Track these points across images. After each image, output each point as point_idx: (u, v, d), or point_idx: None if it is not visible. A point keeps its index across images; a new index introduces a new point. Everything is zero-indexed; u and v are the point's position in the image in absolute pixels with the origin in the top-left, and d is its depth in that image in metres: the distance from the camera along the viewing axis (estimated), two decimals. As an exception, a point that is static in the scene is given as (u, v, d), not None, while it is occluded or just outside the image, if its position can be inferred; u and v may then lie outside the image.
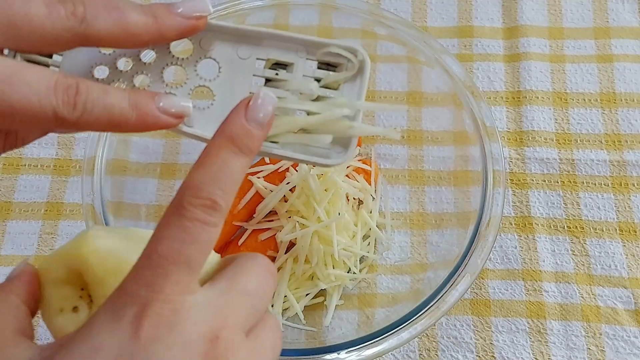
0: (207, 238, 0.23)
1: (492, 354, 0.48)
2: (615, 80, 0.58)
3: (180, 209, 0.23)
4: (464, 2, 0.62)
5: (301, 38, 0.29)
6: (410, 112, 0.55)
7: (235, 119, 0.25)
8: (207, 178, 0.24)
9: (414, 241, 0.51)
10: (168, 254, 0.22)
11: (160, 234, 0.23)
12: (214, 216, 0.23)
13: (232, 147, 0.25)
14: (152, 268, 0.22)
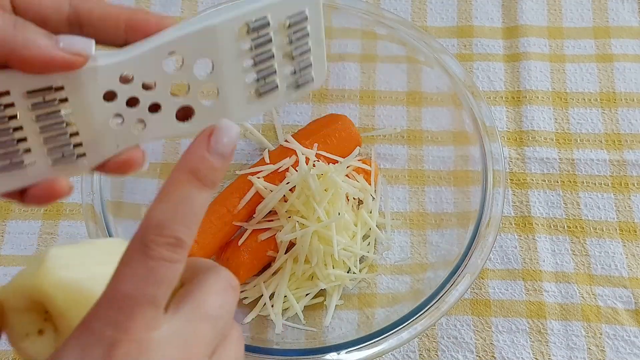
0: (172, 276, 0.23)
1: (492, 354, 0.48)
2: (615, 80, 0.58)
3: (144, 248, 0.23)
4: (464, 2, 0.62)
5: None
6: (410, 112, 0.55)
7: (197, 152, 0.25)
8: (170, 215, 0.23)
9: (414, 241, 0.51)
10: (133, 294, 0.22)
11: (124, 272, 0.23)
12: (179, 253, 0.23)
13: (195, 181, 0.24)
14: (116, 308, 0.22)
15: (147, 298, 0.22)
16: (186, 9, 0.62)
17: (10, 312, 0.27)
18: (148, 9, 0.27)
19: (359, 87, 0.57)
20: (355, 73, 0.58)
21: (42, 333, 0.27)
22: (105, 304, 0.22)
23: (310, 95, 0.57)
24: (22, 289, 0.27)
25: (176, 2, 0.62)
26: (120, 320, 0.22)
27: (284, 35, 0.29)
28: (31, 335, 0.27)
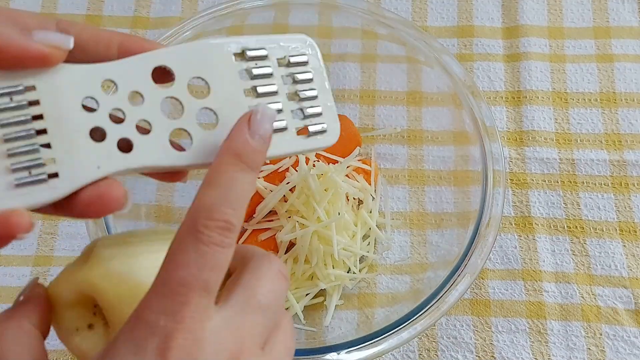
0: (224, 261, 0.23)
1: (492, 354, 0.48)
2: (616, 80, 0.58)
3: (195, 232, 0.22)
4: (464, 1, 0.62)
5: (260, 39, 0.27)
6: (410, 112, 0.55)
7: (239, 136, 0.24)
8: (219, 198, 0.23)
9: (413, 241, 0.51)
10: (186, 280, 0.22)
11: (175, 258, 0.22)
12: (230, 237, 0.23)
13: (239, 164, 0.24)
14: (170, 296, 0.22)
15: (200, 284, 0.22)
16: (186, 8, 0.62)
17: (59, 307, 0.26)
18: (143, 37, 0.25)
19: (359, 87, 0.57)
20: (355, 73, 0.58)
21: (92, 327, 0.26)
22: (158, 293, 0.22)
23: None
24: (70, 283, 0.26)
25: (176, 1, 0.62)
26: (174, 308, 0.21)
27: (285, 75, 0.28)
28: (81, 330, 0.26)
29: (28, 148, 0.22)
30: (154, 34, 0.60)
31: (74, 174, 0.23)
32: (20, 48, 0.21)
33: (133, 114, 0.24)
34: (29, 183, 0.22)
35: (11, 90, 0.22)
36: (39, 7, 0.62)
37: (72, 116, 0.23)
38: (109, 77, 0.24)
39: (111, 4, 0.62)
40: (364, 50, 0.56)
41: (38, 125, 0.22)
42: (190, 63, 0.25)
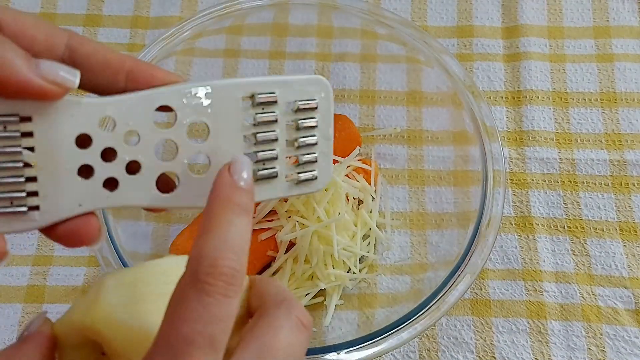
0: (231, 311, 0.21)
1: (493, 354, 0.48)
2: (616, 80, 0.58)
3: (197, 283, 0.21)
4: (464, 1, 0.62)
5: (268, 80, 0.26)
6: (410, 112, 0.55)
7: (225, 182, 0.23)
8: (218, 244, 0.22)
9: (414, 241, 0.51)
10: (191, 337, 0.20)
11: (178, 312, 0.21)
12: (235, 285, 0.21)
13: (233, 207, 0.23)
14: (173, 354, 0.20)
15: (206, 340, 0.20)
16: (185, 8, 0.62)
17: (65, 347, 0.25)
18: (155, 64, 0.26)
19: (359, 87, 0.57)
20: (355, 73, 0.58)
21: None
22: (160, 351, 0.21)
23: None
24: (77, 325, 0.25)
25: (175, 2, 0.62)
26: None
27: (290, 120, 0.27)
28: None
29: (13, 180, 0.22)
30: (153, 34, 0.60)
31: (54, 209, 0.23)
32: (23, 81, 0.21)
33: (125, 153, 0.24)
34: (9, 213, 0.22)
35: (6, 119, 0.21)
36: (38, 7, 0.62)
37: (64, 152, 0.22)
38: (109, 115, 0.23)
39: (111, 4, 0.62)
40: (364, 50, 0.56)
41: (27, 157, 0.22)
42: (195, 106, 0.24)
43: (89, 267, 0.51)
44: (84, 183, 0.23)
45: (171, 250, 0.48)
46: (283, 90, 0.26)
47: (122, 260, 0.40)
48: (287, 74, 0.27)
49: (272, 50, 0.57)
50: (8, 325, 0.49)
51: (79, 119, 0.22)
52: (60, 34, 0.23)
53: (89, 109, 0.23)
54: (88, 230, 0.23)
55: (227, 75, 0.57)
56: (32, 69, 0.21)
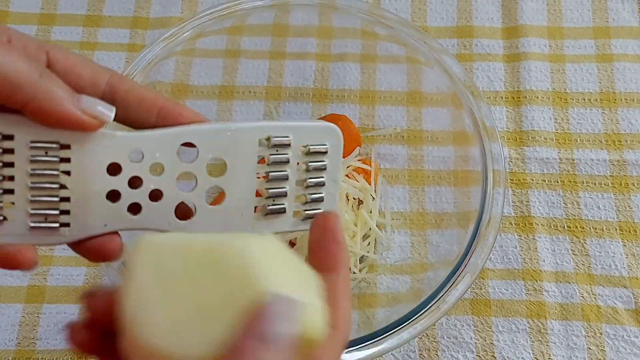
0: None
1: (493, 354, 0.48)
2: (615, 80, 0.58)
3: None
4: (464, 2, 0.62)
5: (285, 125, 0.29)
6: (410, 112, 0.55)
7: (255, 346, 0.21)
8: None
9: (414, 241, 0.51)
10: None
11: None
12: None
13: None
14: None
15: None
16: (186, 9, 0.62)
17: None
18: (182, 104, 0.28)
19: (359, 87, 0.57)
20: (355, 73, 0.58)
21: None
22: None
23: (310, 95, 0.57)
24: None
25: (176, 2, 0.62)
26: None
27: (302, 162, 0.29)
28: None
29: (49, 199, 0.25)
30: (153, 34, 0.60)
31: (83, 227, 0.25)
32: (65, 113, 0.23)
33: (150, 182, 0.26)
34: (43, 228, 0.25)
35: (47, 145, 0.24)
36: (38, 7, 0.62)
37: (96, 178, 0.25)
38: (138, 148, 0.26)
39: (111, 5, 0.62)
40: (364, 50, 0.56)
41: (63, 180, 0.25)
42: (215, 144, 0.27)
43: (89, 267, 0.51)
44: (110, 206, 0.26)
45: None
46: (297, 135, 0.28)
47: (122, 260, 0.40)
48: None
49: (273, 50, 0.58)
50: (8, 325, 0.49)
51: (112, 150, 0.25)
52: (103, 72, 0.26)
53: (122, 141, 0.25)
54: (111, 247, 0.26)
55: (227, 75, 0.57)
56: (74, 102, 0.23)
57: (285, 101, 0.57)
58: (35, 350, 0.48)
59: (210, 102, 0.56)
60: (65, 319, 0.49)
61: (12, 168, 0.24)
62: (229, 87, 0.57)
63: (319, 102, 0.57)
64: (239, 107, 0.57)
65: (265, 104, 0.57)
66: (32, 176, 0.24)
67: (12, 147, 0.24)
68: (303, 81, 0.58)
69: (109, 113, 0.24)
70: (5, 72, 0.22)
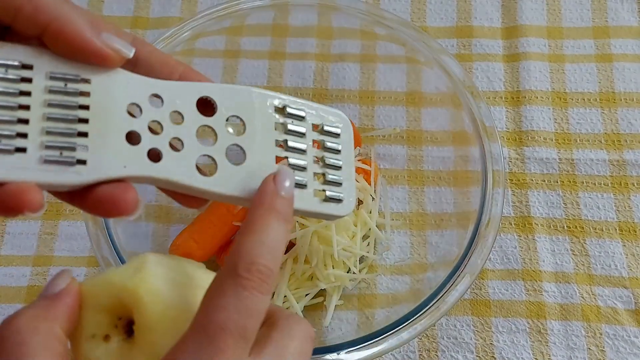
0: (262, 307, 0.23)
1: (492, 354, 0.48)
2: (615, 80, 0.58)
3: (235, 277, 0.23)
4: (463, 2, 0.62)
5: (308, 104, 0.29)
6: (409, 112, 0.55)
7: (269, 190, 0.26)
8: (258, 244, 0.24)
9: (413, 241, 0.51)
10: (225, 325, 0.22)
11: (215, 301, 0.22)
12: (268, 283, 0.23)
13: (275, 214, 0.25)
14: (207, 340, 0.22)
15: (239, 330, 0.22)
16: (185, 9, 0.62)
17: (86, 308, 0.25)
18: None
19: (358, 87, 0.57)
20: (355, 73, 0.58)
21: (108, 339, 0.25)
22: (195, 336, 0.22)
23: (310, 95, 0.57)
24: (111, 286, 0.25)
25: (175, 2, 0.62)
26: (211, 353, 0.22)
27: (317, 138, 0.29)
28: (97, 337, 0.25)
29: (66, 131, 0.23)
30: (153, 34, 0.60)
31: (100, 166, 0.23)
32: (85, 42, 0.23)
33: (170, 130, 0.25)
34: (57, 162, 0.23)
35: (68, 77, 0.23)
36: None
37: (115, 115, 0.24)
38: (158, 93, 0.25)
39: (111, 5, 0.62)
40: (364, 50, 0.56)
41: (82, 114, 0.23)
42: (234, 102, 0.27)
43: (89, 267, 0.51)
44: (130, 148, 0.24)
45: (171, 250, 0.48)
46: (310, 113, 0.29)
47: (122, 260, 0.40)
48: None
49: (272, 50, 0.58)
50: (8, 326, 0.49)
51: (132, 89, 0.24)
52: (125, 34, 0.26)
53: (142, 83, 0.25)
54: (126, 198, 0.24)
55: (226, 75, 0.57)
56: (95, 33, 0.23)
57: (285, 101, 0.57)
58: (35, 351, 0.48)
59: (209, 103, 0.56)
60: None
61: (29, 97, 0.23)
62: (229, 88, 0.57)
63: (319, 102, 0.57)
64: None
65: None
66: (50, 106, 0.23)
67: (30, 76, 0.23)
68: (303, 81, 0.58)
69: (129, 50, 0.24)
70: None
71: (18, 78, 0.23)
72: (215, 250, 0.49)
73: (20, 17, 0.22)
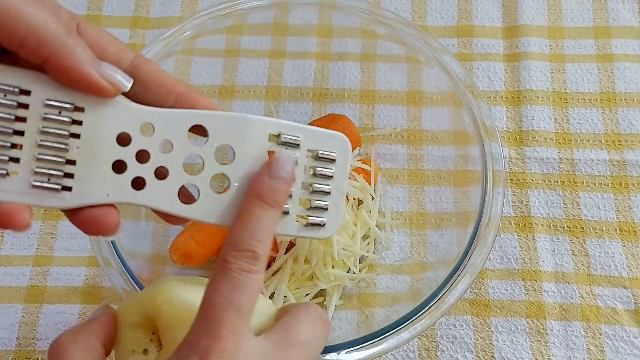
0: (253, 285, 0.25)
1: (492, 354, 0.48)
2: (615, 80, 0.58)
3: (225, 263, 0.26)
4: (464, 1, 0.62)
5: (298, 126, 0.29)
6: (410, 112, 0.55)
7: (262, 179, 0.27)
8: (245, 232, 0.26)
9: (413, 241, 0.51)
10: (220, 302, 0.25)
11: (211, 287, 0.25)
12: (256, 264, 0.26)
13: (261, 203, 0.27)
14: (208, 318, 0.25)
15: (233, 306, 0.25)
16: (186, 8, 0.62)
17: (123, 327, 0.28)
18: (200, 90, 0.30)
19: (359, 87, 0.57)
20: (355, 73, 0.58)
21: (146, 353, 0.28)
22: (199, 317, 0.25)
23: (310, 95, 0.57)
24: (137, 304, 0.29)
25: (176, 1, 0.62)
26: (211, 328, 0.24)
27: (309, 166, 0.29)
28: (137, 353, 0.28)
29: (55, 159, 0.25)
30: (153, 33, 0.60)
31: (84, 194, 0.25)
32: (83, 75, 0.24)
33: (157, 158, 0.26)
34: (44, 188, 0.25)
35: (62, 105, 0.24)
36: (38, 6, 0.62)
37: (104, 145, 0.25)
38: (150, 122, 0.26)
39: (111, 4, 0.62)
40: (364, 50, 0.56)
41: (72, 142, 0.25)
42: (226, 130, 0.27)
43: (89, 268, 0.51)
44: (115, 177, 0.26)
45: (171, 250, 0.48)
46: (307, 138, 0.29)
47: (122, 260, 0.40)
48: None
49: (272, 49, 0.57)
50: (8, 325, 0.49)
51: (124, 119, 0.25)
52: (129, 52, 0.27)
53: (135, 112, 0.26)
54: (108, 221, 0.26)
55: (226, 74, 0.57)
56: (95, 66, 0.24)
57: (285, 101, 0.57)
58: (35, 350, 0.48)
59: (210, 102, 0.56)
60: (65, 319, 0.49)
61: (24, 123, 0.24)
62: (229, 87, 0.57)
63: (319, 101, 0.57)
64: (239, 107, 0.57)
65: (265, 104, 0.57)
66: (42, 134, 0.24)
67: (27, 102, 0.24)
68: (303, 80, 0.58)
69: (127, 82, 0.25)
70: (36, 24, 0.23)
71: (15, 104, 0.24)
72: (215, 250, 0.49)
73: (23, 48, 0.23)
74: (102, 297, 0.50)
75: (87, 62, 0.24)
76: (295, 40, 0.58)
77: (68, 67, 0.24)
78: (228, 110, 0.57)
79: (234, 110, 0.57)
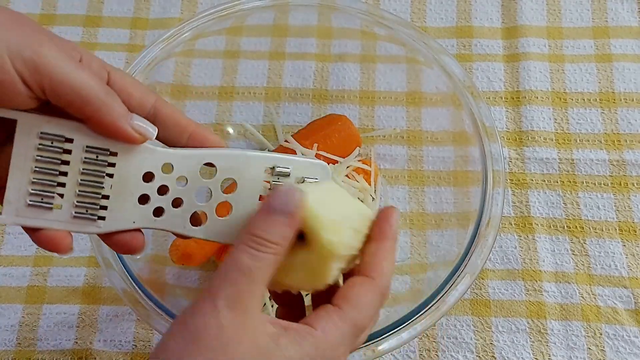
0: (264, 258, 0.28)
1: (492, 354, 0.48)
2: (615, 80, 0.58)
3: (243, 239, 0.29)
4: (463, 2, 0.62)
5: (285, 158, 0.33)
6: (409, 113, 0.55)
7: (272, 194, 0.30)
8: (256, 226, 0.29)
9: (414, 241, 0.51)
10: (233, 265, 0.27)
11: (227, 258, 0.28)
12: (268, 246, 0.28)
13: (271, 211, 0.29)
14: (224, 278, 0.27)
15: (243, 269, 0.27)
16: (185, 9, 0.62)
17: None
18: (208, 127, 0.33)
19: (358, 88, 0.57)
20: (355, 73, 0.58)
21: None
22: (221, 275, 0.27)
23: (310, 96, 0.57)
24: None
25: (175, 3, 0.62)
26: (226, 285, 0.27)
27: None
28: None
29: (92, 194, 0.30)
30: (153, 35, 0.60)
31: (115, 222, 0.31)
32: (119, 129, 0.29)
33: (175, 191, 0.32)
34: (83, 218, 0.30)
35: (100, 151, 0.29)
36: (38, 8, 0.62)
37: (132, 182, 0.31)
38: (170, 162, 0.31)
39: (111, 5, 0.62)
40: (364, 50, 0.56)
41: (107, 181, 0.30)
42: (230, 166, 0.32)
43: (89, 268, 0.51)
44: (140, 207, 0.31)
45: (171, 250, 0.48)
46: (296, 167, 0.33)
47: (122, 260, 0.40)
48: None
49: (272, 51, 0.58)
50: (8, 326, 0.49)
51: (149, 161, 0.31)
52: (151, 95, 0.31)
53: (158, 155, 0.31)
54: (134, 242, 0.31)
55: (226, 75, 0.57)
56: (127, 120, 0.29)
57: (285, 102, 0.57)
58: (35, 351, 0.48)
59: (210, 103, 0.56)
60: (66, 319, 0.49)
61: (67, 166, 0.29)
62: (229, 88, 0.57)
63: (319, 102, 0.57)
64: (239, 108, 0.57)
65: (265, 105, 0.57)
66: (83, 174, 0.30)
67: (70, 148, 0.29)
68: (303, 82, 0.58)
69: (153, 132, 0.30)
70: (82, 88, 0.27)
71: (61, 150, 0.29)
72: (215, 250, 0.49)
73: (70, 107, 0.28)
74: (102, 298, 0.50)
75: (122, 117, 0.28)
76: (295, 41, 0.58)
77: (107, 122, 0.28)
78: (228, 112, 0.57)
79: (234, 111, 0.57)
